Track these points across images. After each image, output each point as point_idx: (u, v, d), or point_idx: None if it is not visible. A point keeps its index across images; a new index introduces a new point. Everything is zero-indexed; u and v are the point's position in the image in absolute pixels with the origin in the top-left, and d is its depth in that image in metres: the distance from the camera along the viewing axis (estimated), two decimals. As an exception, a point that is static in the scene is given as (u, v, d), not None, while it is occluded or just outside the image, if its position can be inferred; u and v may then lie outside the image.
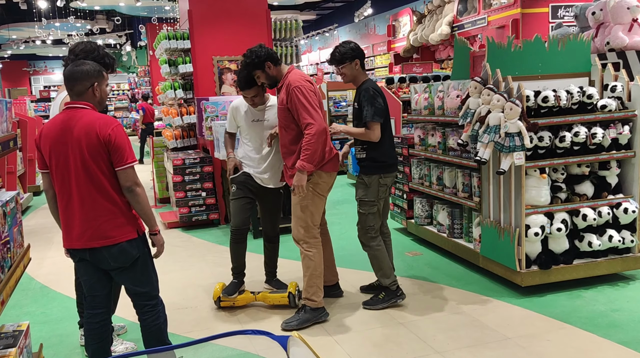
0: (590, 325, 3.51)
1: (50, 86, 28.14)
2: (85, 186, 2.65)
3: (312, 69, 20.63)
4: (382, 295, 3.93)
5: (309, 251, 3.75)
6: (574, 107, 4.04)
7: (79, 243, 2.69)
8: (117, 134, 2.65)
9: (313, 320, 3.72)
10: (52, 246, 6.14)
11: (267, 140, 4.01)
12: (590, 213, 4.02)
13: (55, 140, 2.67)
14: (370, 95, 3.70)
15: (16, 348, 2.16)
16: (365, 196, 3.85)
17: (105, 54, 3.27)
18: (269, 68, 3.70)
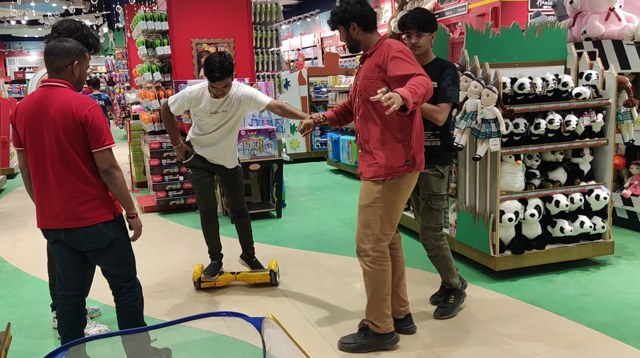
0: (560, 309, 3.58)
1: (26, 67, 27.52)
2: (60, 167, 2.60)
3: (293, 55, 20.50)
4: (452, 298, 3.55)
5: (369, 267, 3.06)
6: (549, 94, 4.09)
7: (54, 223, 2.65)
8: (94, 115, 2.59)
9: (375, 347, 3.11)
10: (25, 229, 6.05)
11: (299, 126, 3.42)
12: (563, 199, 4.08)
13: (30, 118, 2.61)
14: (455, 75, 3.33)
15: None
16: (440, 189, 3.44)
17: (89, 33, 3.14)
18: (353, 30, 3.07)
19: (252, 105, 3.89)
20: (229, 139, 3.98)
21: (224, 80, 3.65)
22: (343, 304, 3.79)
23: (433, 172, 3.41)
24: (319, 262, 4.69)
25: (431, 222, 3.46)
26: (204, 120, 3.91)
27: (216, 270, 4.13)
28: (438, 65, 3.37)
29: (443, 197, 3.46)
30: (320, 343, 3.23)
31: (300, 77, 9.86)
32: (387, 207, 3.02)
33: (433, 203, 3.43)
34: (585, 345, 3.12)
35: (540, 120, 3.99)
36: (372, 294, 3.10)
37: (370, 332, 3.14)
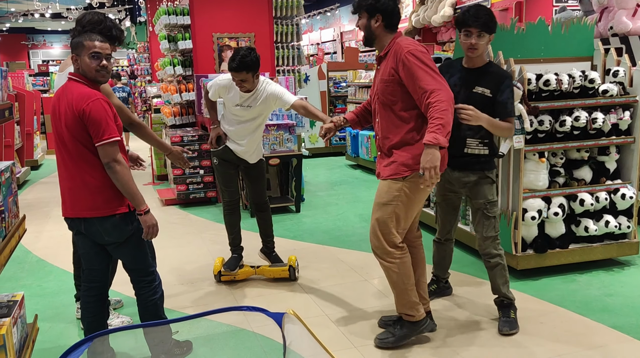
0: (583, 309, 3.53)
1: (49, 60, 27.90)
2: (70, 159, 2.65)
3: (312, 49, 20.47)
4: (513, 313, 3.31)
5: (390, 263, 3.05)
6: (575, 91, 4.02)
7: (72, 212, 2.71)
8: (92, 109, 2.54)
9: (412, 335, 3.15)
10: (49, 220, 6.14)
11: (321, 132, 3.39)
12: (588, 198, 4.02)
13: (53, 111, 2.71)
14: (511, 84, 3.17)
15: (10, 318, 2.16)
16: (493, 196, 3.28)
17: (113, 25, 3.12)
18: (376, 21, 2.98)
19: (277, 103, 3.90)
20: (254, 136, 4.00)
21: (240, 72, 3.65)
22: (362, 300, 3.78)
23: (484, 179, 3.25)
24: (338, 257, 4.68)
25: (490, 230, 3.27)
26: (230, 112, 3.96)
27: (236, 264, 4.16)
28: (495, 74, 3.18)
29: (496, 203, 3.31)
30: (339, 339, 3.23)
31: (320, 71, 9.84)
32: (405, 205, 3.01)
33: (489, 210, 3.25)
34: (608, 347, 3.07)
35: (565, 117, 3.93)
36: (399, 288, 3.10)
37: (405, 322, 3.16)
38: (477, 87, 3.15)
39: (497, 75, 3.17)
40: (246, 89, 3.77)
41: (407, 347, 3.12)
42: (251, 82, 3.74)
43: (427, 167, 2.72)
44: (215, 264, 4.19)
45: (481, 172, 3.26)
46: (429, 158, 2.72)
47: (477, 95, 3.15)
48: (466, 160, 3.24)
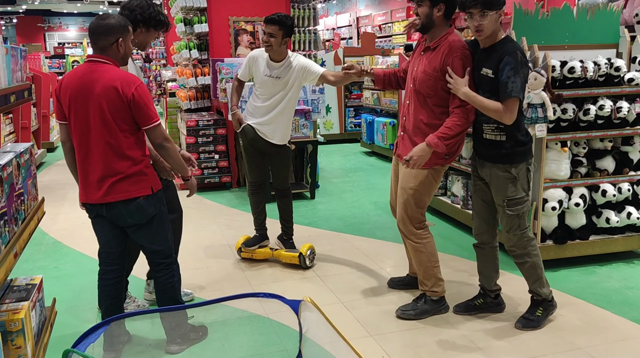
0: (603, 302, 3.47)
1: (65, 43, 27.99)
2: (104, 142, 2.62)
3: (328, 34, 20.30)
4: (540, 311, 3.17)
5: (418, 243, 3.28)
6: (600, 79, 3.92)
7: (95, 198, 2.68)
8: (141, 94, 2.61)
9: (433, 312, 3.31)
10: (65, 202, 6.18)
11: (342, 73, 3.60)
12: (610, 189, 3.93)
13: (76, 93, 2.63)
14: (518, 61, 2.83)
15: (29, 301, 2.15)
16: (515, 193, 3.02)
17: (160, 11, 3.22)
18: (438, 10, 3.06)
19: (307, 75, 3.88)
20: (280, 112, 3.96)
21: (272, 25, 3.73)
22: (377, 288, 3.75)
23: (503, 173, 3.01)
24: (353, 244, 4.65)
25: (513, 229, 3.07)
26: (258, 86, 3.98)
27: (256, 243, 4.23)
28: (498, 51, 2.91)
29: (522, 200, 3.03)
30: (354, 327, 3.21)
31: (336, 57, 9.74)
32: (428, 190, 3.26)
33: (510, 208, 3.03)
34: (630, 341, 3.01)
35: (590, 105, 3.83)
36: (425, 266, 3.30)
37: (428, 298, 3.34)
38: (483, 68, 2.96)
39: (500, 52, 2.89)
40: (270, 46, 3.78)
41: (422, 336, 3.09)
42: (278, 42, 3.77)
43: (414, 159, 3.06)
44: (239, 241, 4.31)
45: (501, 165, 3.01)
46: (421, 154, 3.06)
47: (483, 77, 2.96)
48: (486, 146, 3.08)
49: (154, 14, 3.14)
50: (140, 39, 3.16)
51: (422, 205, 3.27)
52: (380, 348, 2.97)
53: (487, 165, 3.09)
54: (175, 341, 2.90)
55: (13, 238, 2.11)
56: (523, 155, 3.01)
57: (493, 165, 3.06)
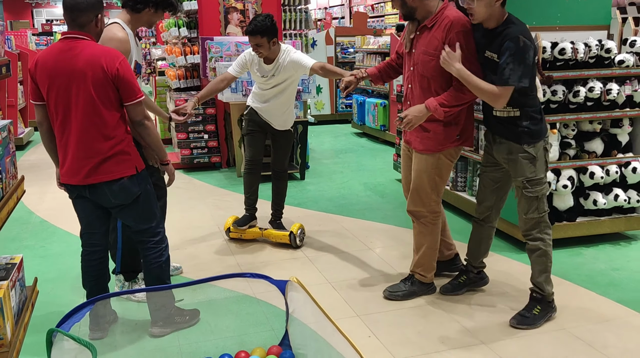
0: (589, 283, 3.51)
1: (53, 20, 27.52)
2: (86, 121, 2.56)
3: (320, 13, 20.09)
4: (538, 309, 3.02)
5: (426, 226, 3.26)
6: (591, 61, 3.90)
7: (78, 179, 2.63)
8: (125, 69, 2.57)
9: (420, 293, 3.34)
10: (53, 181, 6.05)
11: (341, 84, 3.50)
12: (598, 171, 3.94)
13: (55, 71, 2.55)
14: (519, 47, 2.71)
15: (8, 281, 2.12)
16: (536, 173, 2.91)
17: None
18: None
19: (299, 70, 3.91)
20: (279, 101, 4.04)
21: (254, 36, 3.72)
22: (365, 268, 3.76)
23: (522, 153, 2.90)
24: (342, 225, 4.65)
25: (531, 211, 2.96)
26: (256, 82, 4.10)
27: (246, 222, 4.23)
28: (502, 35, 2.79)
29: (541, 181, 2.94)
30: (342, 307, 3.22)
31: (328, 36, 9.65)
32: (442, 173, 3.20)
33: (529, 190, 2.92)
34: (614, 321, 3.05)
35: (579, 87, 3.82)
36: (425, 249, 3.30)
37: (417, 280, 3.35)
38: (487, 51, 2.88)
39: (503, 36, 2.78)
40: (262, 54, 3.83)
41: (409, 316, 3.10)
42: (266, 48, 3.78)
43: (408, 118, 3.00)
44: (227, 221, 4.30)
45: (517, 144, 2.90)
46: (416, 114, 3.00)
47: (488, 61, 2.89)
48: (501, 123, 2.97)
49: None
50: (147, 18, 3.13)
51: (437, 190, 3.20)
52: (367, 328, 2.98)
53: (504, 144, 2.97)
54: (157, 324, 2.85)
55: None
56: (539, 133, 2.91)
57: (511, 144, 2.94)
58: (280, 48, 3.90)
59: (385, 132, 7.98)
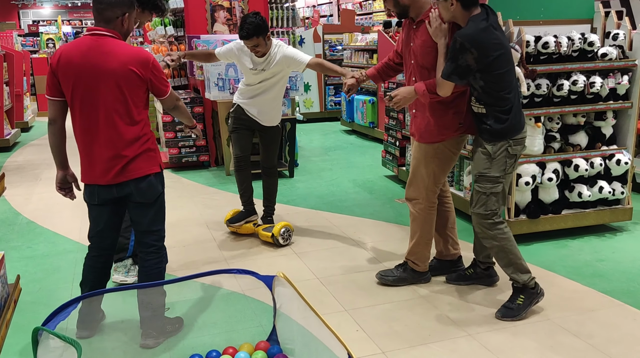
0: (574, 274, 3.54)
1: (39, 20, 27.30)
2: (118, 121, 2.53)
3: (308, 12, 20.07)
4: (521, 299, 3.01)
5: (420, 213, 3.29)
6: (574, 54, 3.93)
7: (106, 179, 2.57)
8: (158, 69, 2.60)
9: (411, 281, 3.39)
10: (39, 182, 6.08)
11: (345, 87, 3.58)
12: (583, 163, 3.98)
13: (82, 69, 2.48)
14: (455, 48, 2.82)
15: (-10, 278, 2.11)
16: (489, 170, 2.97)
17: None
18: None
19: (292, 65, 3.92)
20: (267, 97, 4.05)
21: (251, 39, 3.76)
22: (354, 264, 3.78)
23: (481, 148, 2.99)
24: (331, 222, 4.66)
25: (478, 207, 3.01)
26: (245, 75, 4.09)
27: (241, 218, 4.28)
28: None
29: (493, 179, 2.95)
30: (330, 302, 3.23)
31: (315, 34, 9.65)
32: (442, 163, 3.22)
33: (479, 184, 3.00)
34: (599, 311, 3.08)
35: (563, 81, 3.86)
36: (419, 237, 3.34)
37: (409, 268, 3.41)
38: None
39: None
40: (261, 52, 3.86)
41: (396, 310, 3.12)
42: (264, 45, 3.83)
43: (397, 99, 3.09)
44: (227, 213, 4.38)
45: (480, 139, 3.02)
46: (406, 96, 3.10)
47: None
48: (474, 116, 3.05)
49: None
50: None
51: (435, 180, 3.22)
52: (355, 323, 3.00)
53: (476, 137, 3.09)
54: (150, 335, 2.77)
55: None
56: (502, 134, 2.93)
57: (478, 138, 3.07)
58: (272, 42, 3.91)
59: (374, 129, 8.00)
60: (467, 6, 2.85)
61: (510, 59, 2.93)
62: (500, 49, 2.85)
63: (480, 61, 2.81)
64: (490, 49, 2.81)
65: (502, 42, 2.88)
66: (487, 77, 2.87)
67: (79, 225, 4.59)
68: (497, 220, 3.00)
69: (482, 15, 2.86)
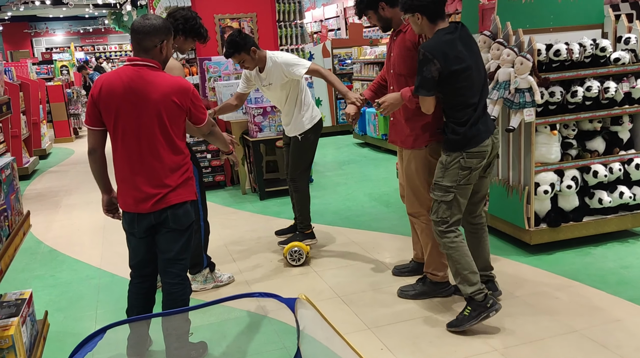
0: (599, 283, 3.49)
1: (52, 48, 27.81)
2: (161, 149, 2.55)
3: (316, 26, 20.22)
4: (468, 310, 2.98)
5: (426, 224, 3.33)
6: (587, 60, 3.92)
7: (145, 207, 2.58)
8: (196, 99, 2.63)
9: (432, 294, 3.37)
10: (59, 209, 6.16)
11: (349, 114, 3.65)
12: (602, 169, 3.94)
13: (124, 99, 2.51)
14: (420, 60, 2.88)
15: (18, 317, 2.12)
16: (441, 179, 2.99)
17: (201, 25, 3.44)
18: (382, 9, 3.31)
19: (288, 72, 3.95)
20: (284, 109, 4.17)
21: (233, 57, 3.89)
22: (374, 280, 3.76)
23: (440, 156, 3.05)
24: (349, 238, 4.66)
25: (433, 213, 3.04)
26: (264, 93, 4.22)
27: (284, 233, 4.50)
28: None
29: (444, 188, 2.97)
30: (352, 321, 3.21)
31: (324, 49, 9.71)
32: (431, 171, 3.22)
33: (433, 192, 3.04)
34: (625, 321, 3.03)
35: (577, 87, 3.84)
36: (431, 248, 3.36)
37: (428, 280, 3.42)
38: None
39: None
40: (251, 67, 3.97)
41: (420, 325, 3.10)
42: (250, 60, 3.91)
43: (385, 105, 3.15)
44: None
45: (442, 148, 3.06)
46: (392, 102, 3.16)
47: None
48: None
49: (196, 26, 3.39)
50: (178, 44, 3.40)
51: (429, 188, 3.20)
52: (379, 341, 2.98)
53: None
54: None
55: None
56: (456, 145, 2.93)
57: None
58: (266, 55, 3.96)
59: (387, 141, 7.99)
60: (433, 20, 2.94)
61: (471, 74, 2.90)
62: (459, 63, 2.85)
63: (441, 72, 2.85)
64: (450, 61, 2.84)
65: (464, 57, 2.87)
66: (444, 90, 2.92)
67: (99, 252, 4.64)
68: (446, 229, 3.00)
69: (449, 29, 2.91)
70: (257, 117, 5.76)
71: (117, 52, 28.82)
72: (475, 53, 2.96)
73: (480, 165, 2.97)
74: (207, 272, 3.75)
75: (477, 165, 2.95)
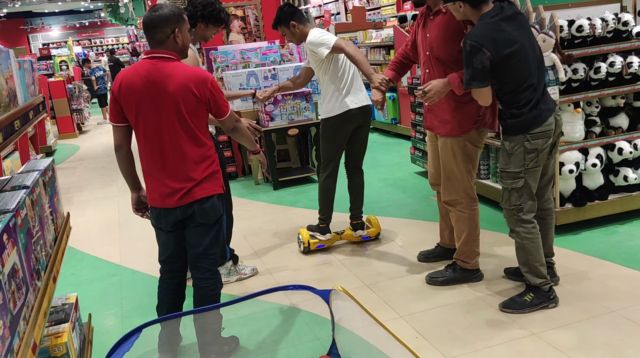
0: (630, 261, 3.44)
1: (49, 43, 27.63)
2: (183, 143, 2.50)
3: (315, 11, 20.00)
4: (530, 296, 2.98)
5: (462, 212, 3.26)
6: (609, 35, 3.83)
7: (171, 202, 2.54)
8: (216, 89, 2.53)
9: (461, 280, 3.33)
10: (72, 206, 6.11)
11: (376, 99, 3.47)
12: (626, 146, 3.88)
13: (144, 94, 2.46)
14: (467, 51, 2.74)
15: (69, 323, 2.06)
16: (508, 166, 2.90)
17: (222, 8, 3.39)
18: None
19: (315, 51, 3.73)
20: (323, 88, 3.93)
21: (275, 29, 3.90)
22: (400, 267, 3.72)
23: (502, 144, 2.95)
24: (369, 224, 4.59)
25: (504, 201, 2.98)
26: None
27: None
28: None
29: (512, 175, 2.87)
30: (384, 309, 3.17)
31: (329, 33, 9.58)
32: (470, 159, 3.20)
33: (502, 180, 2.96)
34: (662, 299, 2.99)
35: (600, 63, 3.75)
36: (466, 235, 3.28)
37: (458, 267, 3.36)
38: None
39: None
40: (293, 41, 3.93)
41: (452, 312, 3.06)
42: (290, 34, 3.86)
43: (431, 94, 2.98)
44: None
45: (503, 135, 2.95)
46: (439, 89, 2.98)
47: None
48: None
49: (215, 11, 3.32)
50: (200, 32, 3.37)
51: (470, 176, 3.21)
52: (412, 329, 2.94)
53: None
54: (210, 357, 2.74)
55: (50, 262, 1.99)
56: (517, 129, 2.83)
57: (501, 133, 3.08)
58: (309, 31, 3.78)
59: (397, 125, 7.91)
60: (476, 5, 2.78)
61: (525, 53, 2.76)
62: (511, 45, 2.71)
63: (493, 59, 2.71)
64: (500, 45, 2.69)
65: (515, 38, 2.72)
66: (499, 76, 2.78)
67: (117, 248, 4.59)
68: (523, 217, 2.92)
69: (494, 11, 2.76)
70: (268, 106, 5.68)
71: (114, 45, 28.60)
72: (526, 30, 2.82)
73: (547, 145, 2.85)
74: (230, 265, 3.72)
75: (543, 146, 2.83)
